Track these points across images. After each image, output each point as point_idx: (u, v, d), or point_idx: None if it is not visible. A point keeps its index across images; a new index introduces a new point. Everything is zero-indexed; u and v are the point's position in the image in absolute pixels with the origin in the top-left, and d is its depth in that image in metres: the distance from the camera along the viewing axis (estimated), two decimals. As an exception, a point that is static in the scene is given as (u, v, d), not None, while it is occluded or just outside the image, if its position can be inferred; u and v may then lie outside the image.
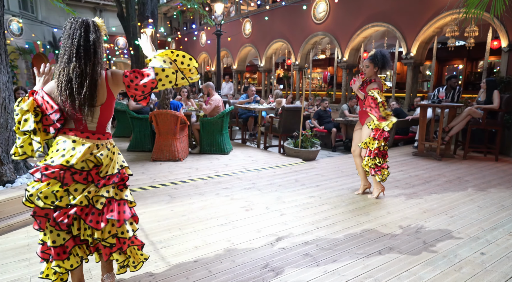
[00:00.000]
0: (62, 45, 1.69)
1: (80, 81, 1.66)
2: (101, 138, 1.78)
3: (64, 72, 1.67)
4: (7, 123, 3.46)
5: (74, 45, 1.66)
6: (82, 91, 1.66)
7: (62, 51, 1.69)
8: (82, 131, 1.74)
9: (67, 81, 1.66)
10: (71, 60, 1.66)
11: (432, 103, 5.73)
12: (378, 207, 3.46)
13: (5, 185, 3.29)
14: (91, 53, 1.69)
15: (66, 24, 1.70)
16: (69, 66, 1.66)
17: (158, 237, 2.72)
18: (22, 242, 2.60)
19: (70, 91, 1.66)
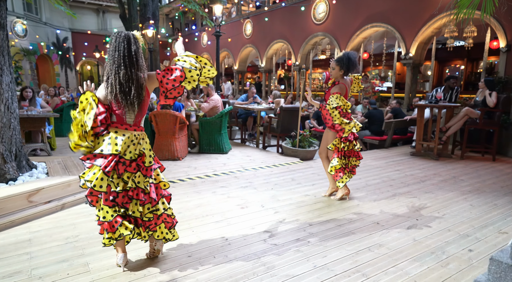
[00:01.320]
0: (110, 55, 2.04)
1: (129, 85, 2.03)
2: (137, 129, 2.14)
3: (115, 78, 2.02)
4: (10, 122, 3.56)
5: (120, 56, 2.02)
6: (131, 93, 2.03)
7: (111, 60, 2.04)
8: (122, 124, 2.09)
9: (119, 85, 2.02)
10: (120, 68, 2.02)
11: (429, 103, 5.77)
12: (372, 205, 3.52)
13: (7, 183, 3.39)
14: (134, 62, 2.04)
15: (112, 38, 2.07)
16: (119, 73, 2.02)
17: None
18: (24, 237, 2.69)
19: (122, 93, 2.02)
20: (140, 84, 2.06)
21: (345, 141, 3.54)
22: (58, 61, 19.77)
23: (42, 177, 3.69)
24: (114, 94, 2.02)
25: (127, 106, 2.05)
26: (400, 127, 7.10)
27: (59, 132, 7.57)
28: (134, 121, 2.12)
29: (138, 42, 2.11)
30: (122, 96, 2.03)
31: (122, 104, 2.04)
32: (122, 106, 2.05)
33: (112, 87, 2.03)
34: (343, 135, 3.52)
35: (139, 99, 2.06)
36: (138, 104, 2.07)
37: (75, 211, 3.30)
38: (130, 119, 2.11)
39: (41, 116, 5.46)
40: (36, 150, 5.62)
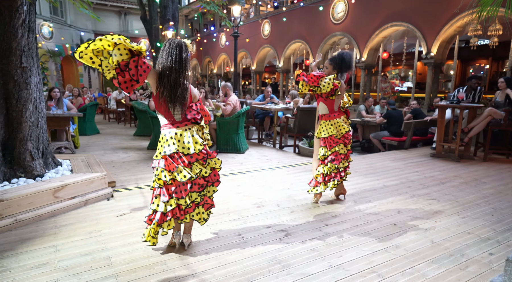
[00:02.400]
0: (164, 59, 2.26)
1: (176, 88, 2.26)
2: (188, 124, 2.37)
3: (167, 80, 2.24)
4: (38, 121, 3.73)
5: (173, 61, 2.24)
6: (177, 94, 2.27)
7: (164, 64, 2.25)
8: (172, 123, 2.34)
9: (170, 87, 2.24)
10: (172, 72, 2.24)
11: (450, 104, 5.63)
12: (389, 207, 3.48)
13: (35, 179, 3.55)
14: (183, 67, 2.29)
15: (166, 43, 2.29)
16: (171, 77, 2.24)
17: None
18: (50, 231, 2.82)
19: (173, 95, 2.25)
20: (186, 88, 2.32)
21: (330, 148, 3.42)
22: (81, 63, 20.43)
23: (66, 174, 3.84)
24: (166, 95, 2.25)
25: (174, 106, 2.28)
26: (420, 128, 6.96)
27: (83, 131, 7.84)
28: (182, 118, 2.35)
29: (188, 50, 2.34)
30: (171, 97, 2.25)
31: (170, 104, 2.27)
32: (169, 106, 2.28)
33: (164, 88, 2.24)
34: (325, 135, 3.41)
35: (184, 100, 2.31)
36: (182, 105, 2.30)
37: (98, 207, 3.42)
38: (178, 117, 2.35)
39: (66, 115, 5.68)
40: (60, 148, 5.85)
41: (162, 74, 2.24)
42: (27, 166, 3.62)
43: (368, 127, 7.58)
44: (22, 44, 3.58)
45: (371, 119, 7.36)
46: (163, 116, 2.36)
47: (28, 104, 3.62)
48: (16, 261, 2.32)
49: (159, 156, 2.35)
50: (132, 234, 2.77)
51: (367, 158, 5.92)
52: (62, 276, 2.14)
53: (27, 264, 2.28)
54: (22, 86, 3.58)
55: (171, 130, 2.32)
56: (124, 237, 2.72)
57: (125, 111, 10.67)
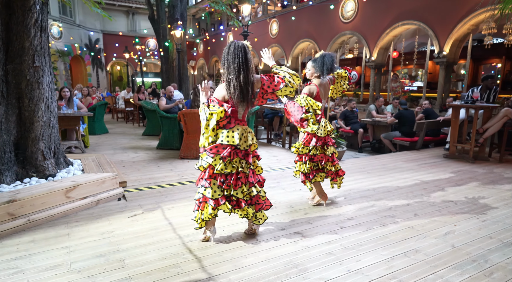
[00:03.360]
0: (230, 62, 2.40)
1: (247, 87, 2.42)
2: (245, 124, 2.54)
3: (237, 81, 2.39)
4: (50, 121, 3.73)
5: (240, 62, 2.38)
6: (249, 93, 2.44)
7: (232, 66, 2.39)
8: (235, 120, 2.48)
9: (240, 87, 2.39)
10: (240, 73, 2.38)
11: (465, 104, 5.51)
12: (405, 209, 3.40)
13: (47, 178, 3.54)
14: (249, 67, 2.43)
15: (230, 46, 2.43)
16: (240, 77, 2.39)
17: (185, 231, 2.84)
18: (63, 231, 2.80)
19: (242, 94, 2.41)
20: (253, 86, 2.47)
21: (306, 144, 3.33)
22: (90, 62, 20.57)
23: (78, 173, 3.83)
24: (236, 95, 2.40)
25: (244, 105, 2.47)
26: (432, 128, 6.84)
27: (92, 130, 7.86)
28: (242, 117, 2.53)
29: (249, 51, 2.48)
30: (242, 96, 2.42)
31: (240, 103, 2.44)
32: (237, 105, 2.45)
33: (234, 89, 2.39)
34: (317, 133, 3.26)
35: (254, 99, 2.51)
36: (252, 103, 2.50)
37: (109, 207, 3.40)
38: (240, 115, 2.51)
39: (76, 115, 5.69)
40: (71, 148, 5.86)
41: (230, 75, 2.39)
42: (39, 166, 3.61)
43: (379, 127, 7.48)
44: (35, 43, 3.57)
45: (382, 119, 7.26)
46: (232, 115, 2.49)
47: (40, 103, 3.61)
48: (30, 262, 2.30)
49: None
50: (145, 236, 2.74)
51: (378, 159, 5.83)
52: (77, 279, 2.11)
53: (41, 266, 2.26)
54: (35, 86, 3.57)
55: (236, 126, 2.48)
56: (137, 238, 2.69)
57: (134, 110, 10.70)
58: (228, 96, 2.44)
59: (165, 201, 3.57)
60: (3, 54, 3.41)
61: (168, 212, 3.27)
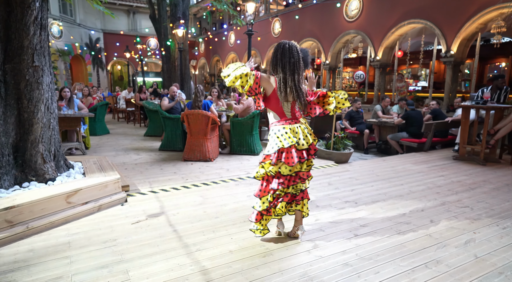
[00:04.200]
0: (284, 60, 2.36)
1: (300, 86, 2.42)
2: (297, 122, 2.49)
3: (291, 80, 2.37)
4: (50, 122, 3.59)
5: (293, 61, 2.37)
6: (301, 93, 2.43)
7: (287, 66, 2.36)
8: (286, 119, 2.47)
9: (293, 86, 2.38)
10: (294, 72, 2.37)
11: (476, 104, 5.37)
12: (420, 215, 3.26)
13: (47, 182, 3.40)
14: (301, 66, 2.42)
15: (285, 45, 2.39)
16: (293, 76, 2.37)
17: (192, 239, 2.70)
18: (63, 240, 2.66)
19: (297, 93, 2.40)
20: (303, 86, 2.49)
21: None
22: (90, 61, 20.44)
23: (79, 177, 3.69)
24: (290, 94, 2.38)
25: (299, 103, 2.45)
26: (440, 129, 6.70)
27: (93, 131, 7.73)
28: (291, 115, 2.48)
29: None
30: (296, 95, 2.40)
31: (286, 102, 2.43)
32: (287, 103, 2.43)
33: (290, 88, 2.37)
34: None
35: (305, 97, 2.49)
36: (303, 103, 2.47)
37: (112, 212, 3.26)
38: (288, 114, 2.48)
39: (77, 115, 5.55)
40: (71, 149, 5.73)
41: (283, 75, 2.36)
42: (38, 169, 3.47)
43: (385, 128, 7.33)
44: (34, 42, 3.43)
45: (389, 119, 7.11)
46: (277, 113, 2.48)
47: (40, 104, 3.47)
48: (28, 275, 2.16)
49: (272, 150, 2.42)
50: (150, 244, 2.60)
51: (387, 161, 5.69)
52: (78, 293, 1.98)
53: (40, 278, 2.12)
54: (34, 86, 3.43)
55: (285, 125, 2.44)
56: (141, 247, 2.55)
57: (135, 110, 10.56)
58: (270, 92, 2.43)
59: (169, 206, 3.43)
60: (1, 53, 3.27)
61: (173, 218, 3.14)
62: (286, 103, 2.45)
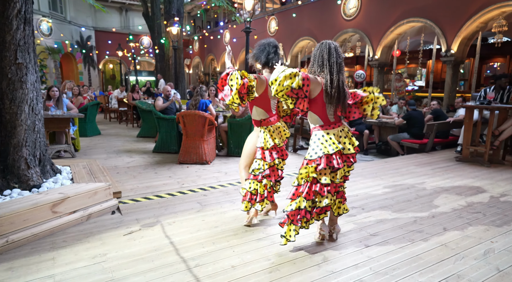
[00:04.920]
0: (331, 60, 2.29)
1: (344, 88, 2.33)
2: (340, 125, 2.41)
3: (337, 81, 2.28)
4: (35, 124, 3.33)
5: (339, 62, 2.32)
6: (346, 94, 2.36)
7: (334, 66, 2.29)
8: (329, 123, 2.38)
9: (338, 88, 2.29)
10: (339, 73, 2.30)
11: (480, 105, 5.22)
12: (431, 221, 3.08)
13: (31, 190, 3.15)
14: (343, 67, 2.36)
15: (330, 45, 2.32)
16: (339, 77, 2.29)
17: (191, 252, 2.48)
18: (48, 255, 2.41)
19: (341, 95, 2.31)
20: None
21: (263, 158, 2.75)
22: (81, 60, 19.99)
23: (67, 183, 3.44)
24: (336, 96, 2.28)
25: (337, 106, 2.34)
26: (442, 129, 6.55)
27: (83, 132, 7.43)
28: (334, 117, 2.39)
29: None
30: (343, 97, 2.32)
31: (329, 104, 2.31)
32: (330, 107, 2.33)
33: (336, 90, 2.27)
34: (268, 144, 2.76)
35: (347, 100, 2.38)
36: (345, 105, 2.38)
37: (102, 222, 3.02)
38: (331, 116, 2.38)
39: (66, 116, 5.27)
40: (60, 152, 5.45)
41: (330, 77, 2.27)
42: (22, 176, 3.22)
43: (385, 129, 7.18)
44: (17, 37, 3.17)
45: (389, 120, 6.95)
46: (320, 117, 2.37)
47: (24, 105, 3.21)
48: (6, 298, 1.92)
49: (315, 156, 2.34)
50: (144, 259, 2.37)
51: (389, 163, 5.52)
52: (62, 321, 1.74)
53: (20, 302, 1.88)
54: (17, 85, 3.18)
55: (329, 130, 2.36)
56: (135, 262, 2.32)
57: (127, 110, 10.26)
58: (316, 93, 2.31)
59: (165, 214, 3.20)
60: (-20, 50, 3.01)
61: (169, 228, 2.91)
62: (330, 105, 2.33)
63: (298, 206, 2.36)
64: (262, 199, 2.84)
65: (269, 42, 2.78)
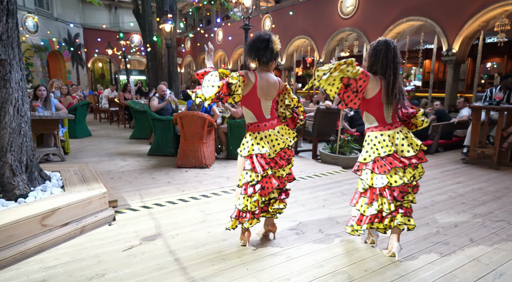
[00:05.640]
0: (395, 61, 2.22)
1: (402, 88, 2.29)
2: (397, 126, 2.31)
3: (397, 82, 2.22)
4: (20, 127, 3.00)
5: (399, 63, 2.26)
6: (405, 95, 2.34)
7: (398, 66, 2.24)
8: (384, 125, 2.28)
9: (399, 89, 2.24)
10: (397, 73, 2.23)
11: (489, 105, 5.07)
12: (456, 232, 2.88)
13: (17, 200, 2.83)
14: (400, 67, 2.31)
15: (393, 45, 2.25)
16: (397, 77, 2.22)
17: (199, 271, 2.21)
18: (36, 277, 2.11)
19: (402, 96, 2.28)
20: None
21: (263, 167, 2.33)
22: (69, 58, 19.40)
23: (57, 191, 3.12)
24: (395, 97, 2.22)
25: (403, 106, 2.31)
26: (446, 130, 6.41)
27: (73, 134, 7.06)
28: (392, 119, 2.30)
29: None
30: (402, 98, 2.28)
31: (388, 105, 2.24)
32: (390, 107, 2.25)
33: (394, 89, 2.20)
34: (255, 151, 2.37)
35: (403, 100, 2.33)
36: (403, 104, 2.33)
37: (97, 236, 2.72)
38: (388, 119, 2.29)
39: (55, 117, 4.92)
40: (48, 155, 5.09)
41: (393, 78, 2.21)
42: (6, 184, 2.89)
43: (387, 130, 7.00)
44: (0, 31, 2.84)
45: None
46: (376, 118, 2.29)
47: (8, 106, 2.89)
48: None
49: (369, 158, 2.29)
50: (147, 280, 2.09)
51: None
52: None
53: None
54: (0, 84, 2.85)
55: (384, 131, 2.27)
56: (137, 286, 2.04)
57: (119, 110, 9.88)
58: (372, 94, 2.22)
59: (166, 225, 2.92)
60: (-43, 43, 2.68)
61: (173, 241, 2.63)
62: (389, 106, 2.25)
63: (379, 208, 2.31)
64: (252, 217, 2.43)
65: (259, 36, 2.36)
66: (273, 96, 2.44)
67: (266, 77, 2.39)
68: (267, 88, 2.38)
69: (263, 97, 2.38)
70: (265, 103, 2.41)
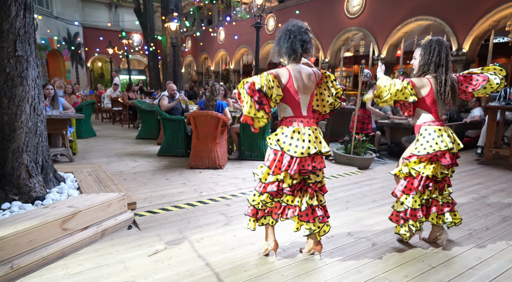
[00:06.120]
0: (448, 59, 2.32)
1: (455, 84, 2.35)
2: (443, 124, 2.40)
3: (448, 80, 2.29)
4: (37, 127, 2.89)
5: (449, 61, 2.33)
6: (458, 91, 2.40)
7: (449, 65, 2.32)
8: (439, 121, 2.38)
9: (451, 86, 2.30)
10: (449, 70, 2.31)
11: (506, 105, 5.01)
12: (490, 236, 2.79)
13: (34, 203, 2.71)
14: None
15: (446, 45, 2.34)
16: (448, 74, 2.29)
17: (233, 277, 2.11)
18: (62, 285, 2.00)
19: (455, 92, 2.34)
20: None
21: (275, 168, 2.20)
22: (69, 57, 19.20)
23: (74, 193, 3.01)
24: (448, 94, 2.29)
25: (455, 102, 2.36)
26: (458, 131, 6.34)
27: (78, 134, 6.92)
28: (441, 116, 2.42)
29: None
30: (454, 95, 2.33)
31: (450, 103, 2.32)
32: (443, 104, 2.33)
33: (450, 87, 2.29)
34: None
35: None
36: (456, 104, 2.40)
37: (118, 240, 2.61)
38: (441, 115, 2.41)
39: (64, 117, 4.79)
40: (56, 156, 4.96)
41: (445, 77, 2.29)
42: (22, 186, 2.78)
43: (398, 130, 6.91)
44: (17, 26, 2.73)
45: (403, 121, 6.69)
46: (431, 114, 2.38)
47: (25, 104, 2.77)
48: None
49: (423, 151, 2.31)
50: (180, 288, 1.98)
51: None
52: None
53: None
54: (17, 81, 2.74)
55: (441, 127, 2.35)
56: (170, 294, 1.93)
57: (122, 110, 9.74)
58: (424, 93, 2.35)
59: (189, 229, 2.81)
60: (-27, 39, 2.56)
61: (199, 245, 2.52)
62: (442, 102, 2.33)
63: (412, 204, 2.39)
64: (265, 215, 2.28)
65: (300, 27, 2.19)
66: (311, 90, 2.23)
67: (299, 69, 2.21)
68: (303, 80, 2.18)
69: (301, 90, 2.18)
70: (303, 98, 2.20)
